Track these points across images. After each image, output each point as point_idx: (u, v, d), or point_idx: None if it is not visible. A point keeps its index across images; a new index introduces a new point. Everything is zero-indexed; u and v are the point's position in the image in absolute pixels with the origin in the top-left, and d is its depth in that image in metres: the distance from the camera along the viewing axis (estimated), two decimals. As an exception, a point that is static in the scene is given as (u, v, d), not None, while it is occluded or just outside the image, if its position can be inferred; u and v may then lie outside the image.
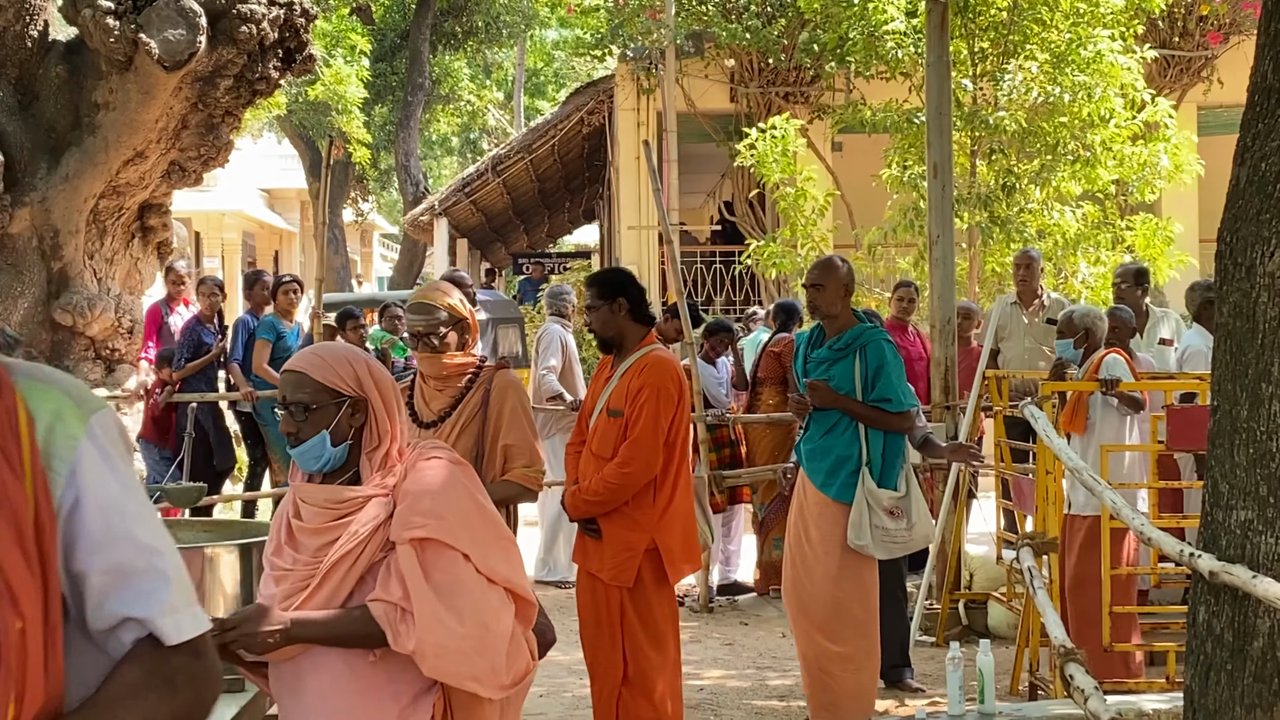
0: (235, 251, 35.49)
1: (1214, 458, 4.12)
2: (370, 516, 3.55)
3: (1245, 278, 4.02)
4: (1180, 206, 18.09)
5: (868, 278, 15.97)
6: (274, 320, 12.04)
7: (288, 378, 3.66)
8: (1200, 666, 4.11)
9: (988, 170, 14.37)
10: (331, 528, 3.57)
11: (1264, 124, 4.03)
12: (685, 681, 8.39)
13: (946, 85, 9.91)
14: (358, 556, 3.53)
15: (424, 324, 5.61)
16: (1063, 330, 8.44)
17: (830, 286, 7.06)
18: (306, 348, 3.81)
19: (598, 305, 6.46)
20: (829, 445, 7.00)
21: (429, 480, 3.60)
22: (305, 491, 3.67)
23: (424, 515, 3.53)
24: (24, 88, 11.61)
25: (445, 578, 3.51)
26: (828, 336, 7.14)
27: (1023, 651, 7.78)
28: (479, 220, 30.77)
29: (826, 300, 7.06)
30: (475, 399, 5.57)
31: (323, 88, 29.09)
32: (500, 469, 5.54)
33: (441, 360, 5.61)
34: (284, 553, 3.64)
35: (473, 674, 3.53)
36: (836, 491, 6.92)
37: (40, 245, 11.64)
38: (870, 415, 6.94)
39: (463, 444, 5.45)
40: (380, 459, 3.64)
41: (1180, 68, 19.41)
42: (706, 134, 20.82)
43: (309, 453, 3.62)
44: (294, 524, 3.64)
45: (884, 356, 6.97)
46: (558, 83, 46.09)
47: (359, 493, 3.59)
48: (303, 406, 3.60)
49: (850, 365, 6.98)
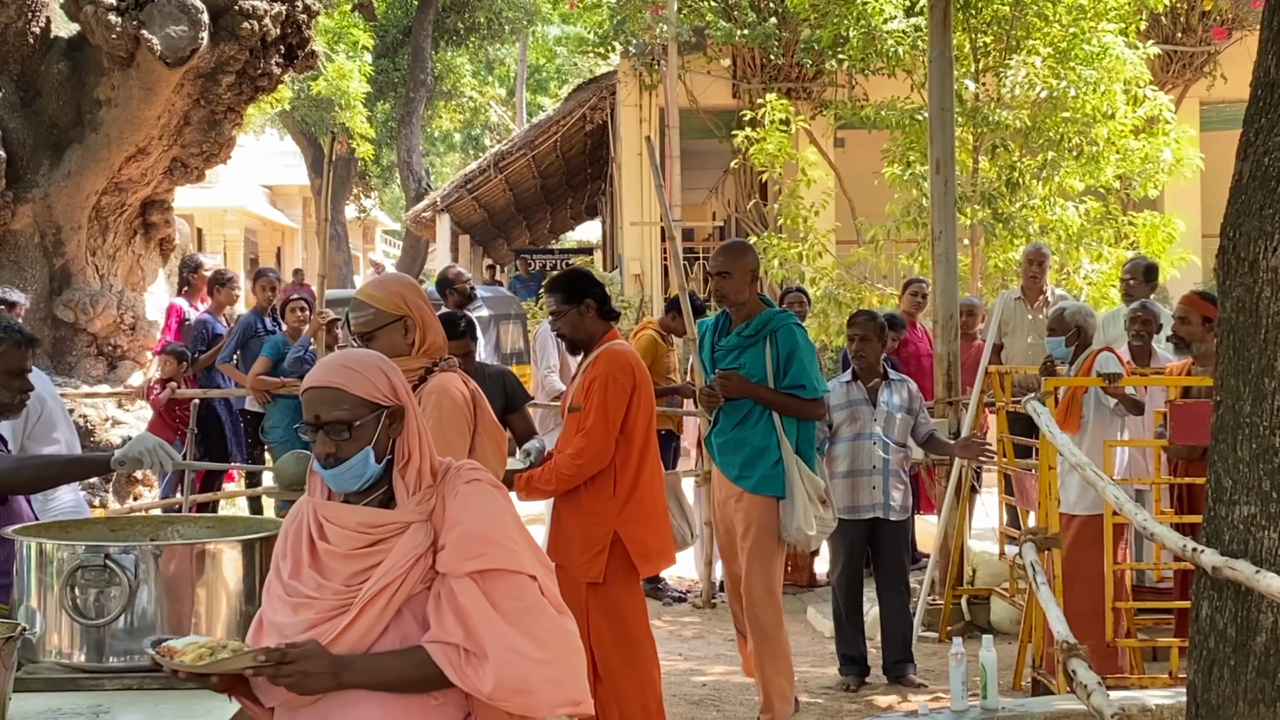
0: (237, 248, 35.51)
1: (1217, 453, 4.11)
2: (412, 545, 3.25)
3: (1248, 273, 4.01)
4: (1183, 203, 18.10)
5: (871, 273, 15.97)
6: (282, 341, 11.41)
7: (320, 394, 3.30)
8: (1203, 662, 4.10)
9: (990, 166, 14.36)
10: (366, 554, 3.25)
11: (1267, 119, 4.02)
12: (688, 678, 8.40)
13: (949, 80, 9.90)
14: (398, 588, 3.22)
15: (355, 322, 5.03)
16: (1054, 328, 8.40)
17: (737, 273, 6.91)
18: (328, 358, 3.46)
19: (564, 310, 6.22)
20: (743, 437, 6.88)
21: (479, 506, 3.31)
22: (333, 512, 3.32)
23: (482, 544, 3.23)
24: (26, 84, 11.62)
25: (515, 605, 3.22)
26: (735, 323, 6.99)
27: (1025, 647, 7.78)
28: (481, 216, 30.79)
29: (734, 287, 6.92)
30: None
31: (325, 84, 29.09)
32: None
33: None
34: (306, 577, 3.29)
35: (566, 698, 3.23)
36: (756, 484, 6.82)
37: (42, 242, 11.65)
38: (785, 403, 6.82)
39: None
40: (415, 477, 3.33)
41: (1183, 63, 19.40)
42: (709, 130, 20.82)
43: (349, 472, 3.28)
44: (321, 546, 3.30)
45: (796, 342, 6.83)
46: (560, 79, 46.07)
47: (397, 517, 3.28)
48: (345, 425, 3.26)
49: (761, 352, 6.84)
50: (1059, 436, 6.66)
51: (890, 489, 8.14)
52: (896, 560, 8.28)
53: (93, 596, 3.97)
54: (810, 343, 7.02)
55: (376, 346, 4.79)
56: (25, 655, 3.94)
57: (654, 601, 10.69)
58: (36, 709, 3.75)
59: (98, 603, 3.97)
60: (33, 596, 4.04)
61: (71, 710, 3.77)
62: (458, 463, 3.43)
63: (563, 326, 6.25)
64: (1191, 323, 7.64)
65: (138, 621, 3.99)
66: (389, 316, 4.95)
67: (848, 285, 15.28)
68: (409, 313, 4.98)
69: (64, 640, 4.01)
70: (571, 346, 6.37)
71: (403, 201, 37.28)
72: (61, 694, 3.91)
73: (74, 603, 3.96)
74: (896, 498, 8.17)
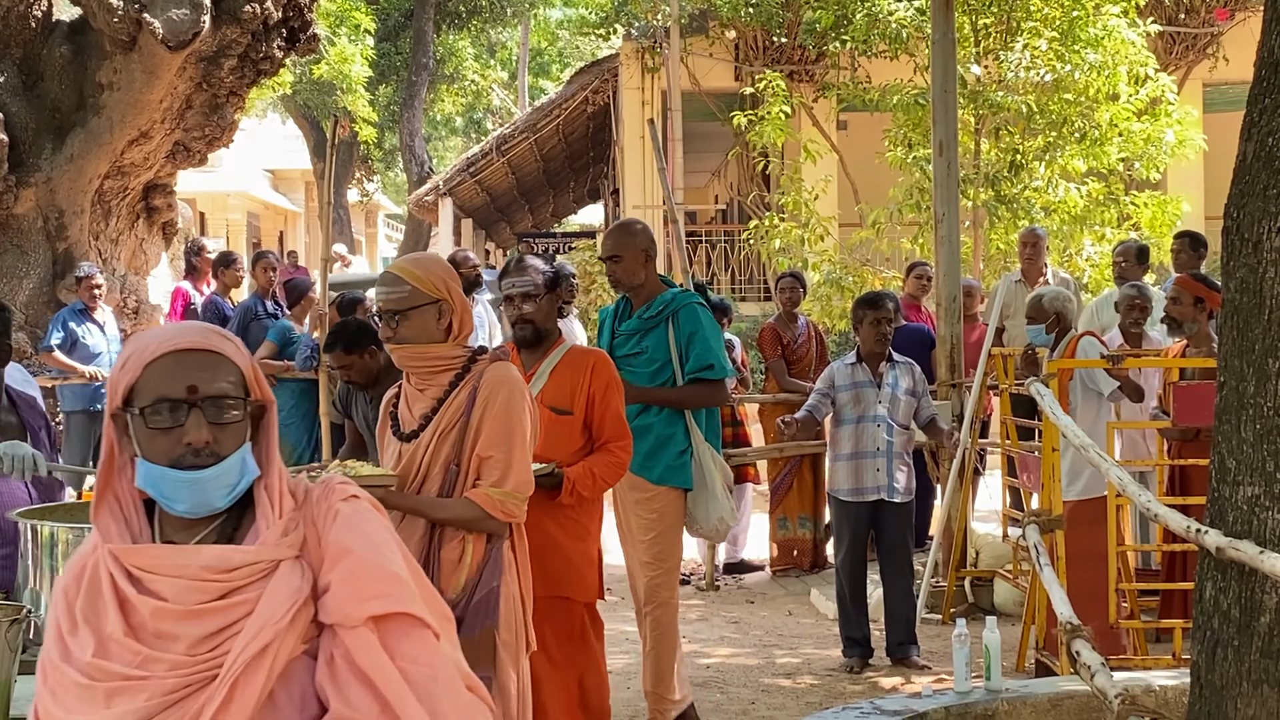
0: (240, 232, 35.51)
1: (1221, 433, 4.11)
2: (289, 590, 2.34)
3: (1252, 253, 4.00)
4: (1186, 185, 18.08)
5: (874, 256, 15.96)
6: (287, 327, 11.22)
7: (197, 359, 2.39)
8: (1207, 643, 4.11)
9: (992, 148, 14.34)
10: (219, 609, 2.32)
11: (1271, 99, 4.02)
12: (692, 660, 8.42)
13: (952, 62, 9.89)
14: (277, 651, 2.31)
15: (385, 299, 4.48)
16: (1032, 315, 8.30)
17: (629, 256, 6.53)
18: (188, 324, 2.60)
19: (540, 294, 5.60)
20: (647, 424, 6.44)
21: (369, 532, 2.44)
22: (155, 558, 2.35)
23: (383, 581, 2.38)
24: (28, 68, 11.61)
25: (422, 673, 2.35)
26: (635, 307, 6.62)
27: (1029, 628, 7.78)
28: (484, 200, 30.76)
29: (627, 270, 6.53)
30: (460, 399, 4.48)
31: (327, 67, 29.05)
32: (471, 486, 4.47)
33: (413, 350, 4.49)
34: (120, 651, 2.32)
35: None
36: (660, 475, 6.43)
37: (45, 225, 11.65)
38: (685, 398, 6.47)
39: (441, 457, 4.48)
40: (278, 498, 2.43)
41: (1186, 44, 19.37)
42: (711, 113, 20.81)
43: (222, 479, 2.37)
44: (144, 605, 2.33)
45: (698, 321, 6.49)
46: (562, 62, 46.00)
47: (260, 555, 2.36)
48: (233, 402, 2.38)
49: (664, 334, 6.51)
50: (1062, 418, 6.66)
51: (894, 471, 8.14)
52: (900, 542, 8.29)
53: (97, 579, 3.97)
54: (715, 322, 6.69)
55: (408, 328, 4.44)
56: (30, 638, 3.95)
57: (657, 584, 10.71)
58: (41, 691, 3.75)
59: (102, 585, 3.97)
60: (38, 579, 4.05)
61: (76, 693, 3.77)
62: (321, 478, 2.56)
63: (535, 314, 5.61)
64: (1183, 303, 7.62)
65: (142, 604, 4.00)
66: (425, 297, 4.46)
67: (850, 269, 15.26)
68: (446, 297, 4.49)
69: (69, 623, 4.02)
70: (533, 337, 5.64)
71: (405, 185, 37.25)
72: (66, 676, 3.92)
73: (79, 585, 3.96)
74: (900, 480, 8.18)
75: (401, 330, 4.45)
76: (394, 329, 4.46)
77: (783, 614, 9.78)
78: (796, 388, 10.60)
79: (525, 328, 5.61)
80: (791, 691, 7.79)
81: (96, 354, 11.54)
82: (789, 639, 9.05)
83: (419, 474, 4.48)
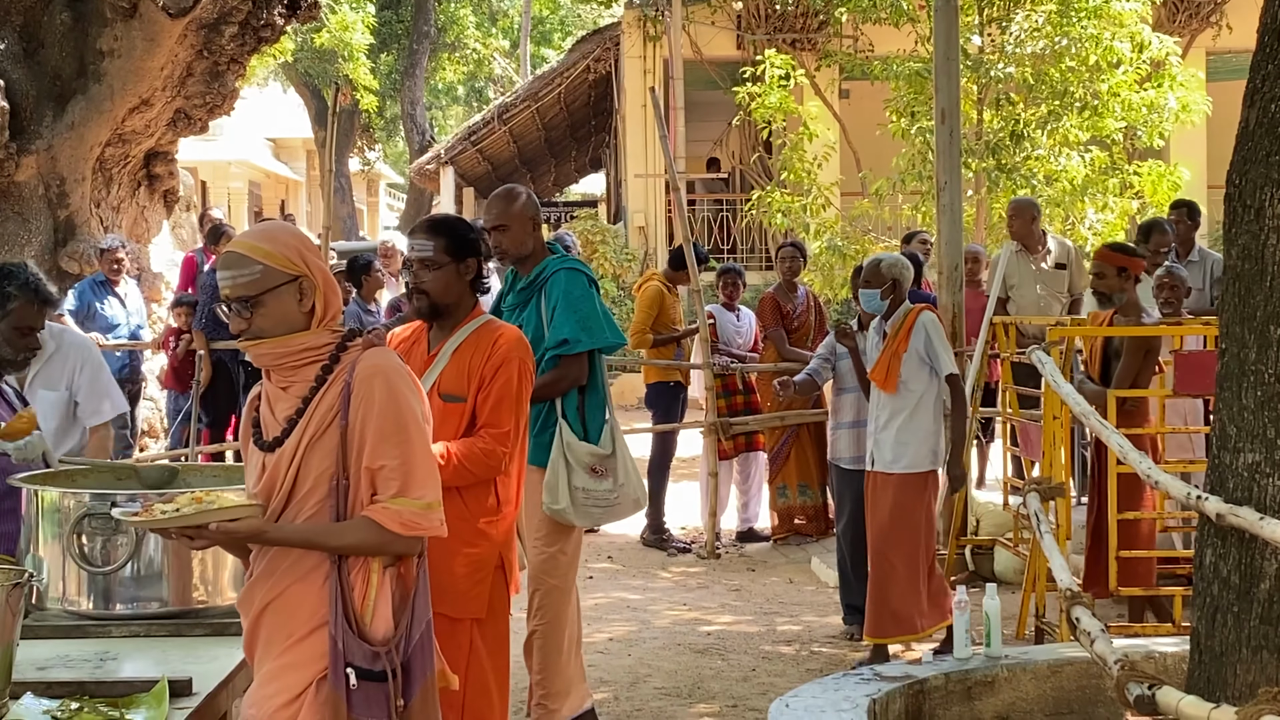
0: (241, 201, 35.47)
1: (1222, 400, 4.12)
2: None
3: (1254, 220, 4.01)
4: (1188, 153, 18.06)
5: (875, 225, 15.94)
6: None
7: None
8: (1207, 609, 4.12)
9: (994, 118, 14.30)
10: None
11: (1274, 66, 4.01)
12: (694, 628, 8.45)
13: (954, 29, 9.86)
14: None
15: (233, 284, 3.53)
16: (869, 279, 7.79)
17: (515, 225, 6.00)
18: None
19: (443, 261, 4.91)
20: None
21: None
22: None
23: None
24: (29, 35, 11.56)
25: None
26: (521, 278, 6.11)
27: (1029, 596, 7.80)
28: (485, 169, 30.73)
29: (513, 239, 6.00)
30: (330, 397, 3.55)
31: (328, 35, 29.00)
32: (366, 501, 3.53)
33: (274, 344, 3.57)
34: None
35: None
36: (531, 454, 5.64)
37: (46, 193, 11.63)
38: (543, 385, 5.75)
39: (316, 469, 3.53)
40: None
41: (1189, 13, 19.32)
42: (713, 81, 20.76)
43: None
44: None
45: (563, 288, 5.92)
46: (564, 30, 45.84)
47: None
48: None
49: (536, 307, 5.97)
50: (1064, 386, 6.67)
51: (895, 439, 8.11)
52: (901, 510, 8.27)
53: (100, 544, 4.00)
54: (588, 289, 6.03)
55: (264, 317, 3.53)
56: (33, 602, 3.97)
57: (658, 553, 10.73)
58: (44, 655, 3.78)
59: (104, 551, 4.00)
60: (40, 545, 4.07)
61: (79, 657, 3.80)
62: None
63: (431, 283, 4.92)
64: (1108, 276, 7.59)
65: (144, 569, 4.03)
66: (282, 276, 3.54)
67: (851, 238, 15.24)
68: (306, 271, 3.57)
69: (71, 588, 4.04)
70: (429, 311, 4.98)
71: (406, 154, 37.20)
72: (69, 641, 3.95)
73: (81, 551, 3.98)
74: (901, 448, 8.15)
75: (257, 321, 3.54)
76: (248, 320, 3.54)
77: (784, 581, 9.81)
78: (797, 356, 10.58)
79: (420, 299, 4.95)
80: (793, 659, 7.82)
81: (115, 325, 11.73)
82: (790, 606, 9.07)
83: (283, 489, 3.53)
